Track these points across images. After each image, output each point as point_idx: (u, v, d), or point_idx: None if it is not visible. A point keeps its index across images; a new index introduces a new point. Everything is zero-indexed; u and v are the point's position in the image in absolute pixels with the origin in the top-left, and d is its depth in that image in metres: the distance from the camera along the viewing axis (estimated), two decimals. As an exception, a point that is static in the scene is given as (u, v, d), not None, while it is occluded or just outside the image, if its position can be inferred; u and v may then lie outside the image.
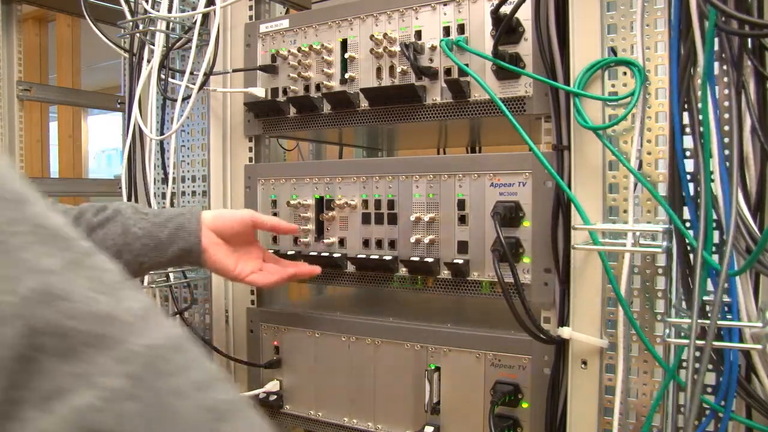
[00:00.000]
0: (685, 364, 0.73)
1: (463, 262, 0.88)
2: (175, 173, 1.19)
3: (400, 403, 0.95)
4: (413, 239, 0.92)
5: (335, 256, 0.98)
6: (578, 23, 0.78)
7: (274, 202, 1.07)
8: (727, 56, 0.65)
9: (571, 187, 0.79)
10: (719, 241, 0.69)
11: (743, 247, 0.63)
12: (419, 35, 0.93)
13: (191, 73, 1.05)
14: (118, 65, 1.32)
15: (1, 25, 1.51)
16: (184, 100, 1.06)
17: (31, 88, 1.57)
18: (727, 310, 0.67)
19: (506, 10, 0.83)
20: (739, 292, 0.65)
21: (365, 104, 0.97)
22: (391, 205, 0.95)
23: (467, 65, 0.87)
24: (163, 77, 1.09)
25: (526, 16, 0.83)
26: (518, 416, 0.85)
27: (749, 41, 0.65)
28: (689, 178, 0.70)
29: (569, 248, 0.80)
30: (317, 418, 1.02)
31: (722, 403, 0.67)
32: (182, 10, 1.13)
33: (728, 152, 0.65)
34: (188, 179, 1.21)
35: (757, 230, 0.64)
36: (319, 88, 1.02)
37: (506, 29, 0.83)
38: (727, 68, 0.66)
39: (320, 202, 1.02)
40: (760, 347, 0.64)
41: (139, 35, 1.12)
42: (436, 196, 0.92)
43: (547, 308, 0.85)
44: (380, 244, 0.96)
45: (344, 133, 1.28)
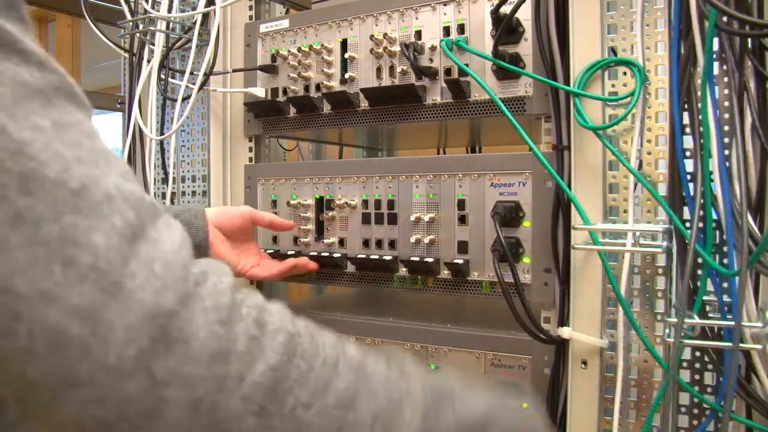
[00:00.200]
0: (685, 364, 0.73)
1: (463, 262, 0.88)
2: (175, 173, 1.19)
3: (400, 403, 0.94)
4: (413, 239, 0.92)
5: (335, 256, 0.98)
6: (578, 23, 0.78)
7: (274, 202, 1.07)
8: (727, 56, 0.65)
9: (571, 187, 0.79)
10: (719, 241, 0.69)
11: (743, 247, 0.63)
12: (419, 35, 0.93)
13: (191, 73, 1.05)
14: (118, 65, 1.32)
15: (1, 25, 1.50)
16: (184, 100, 1.06)
17: (31, 88, 1.57)
18: (727, 310, 0.67)
19: (506, 10, 0.83)
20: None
21: (365, 104, 0.97)
22: (391, 205, 0.95)
23: (467, 65, 0.87)
24: (163, 77, 1.10)
25: (526, 16, 0.83)
26: (518, 416, 0.85)
27: (749, 41, 0.65)
28: (689, 178, 0.70)
29: (569, 248, 0.79)
30: (317, 418, 1.02)
31: (722, 403, 0.67)
32: (182, 10, 1.13)
33: (728, 152, 0.65)
34: (188, 179, 1.21)
35: (757, 230, 0.64)
36: (319, 88, 1.02)
37: (506, 29, 0.83)
38: (727, 68, 0.66)
39: (320, 202, 1.02)
40: (760, 347, 0.64)
41: (139, 35, 1.12)
42: (436, 196, 0.92)
43: (547, 308, 0.85)
44: (380, 244, 0.96)
45: (344, 133, 1.28)
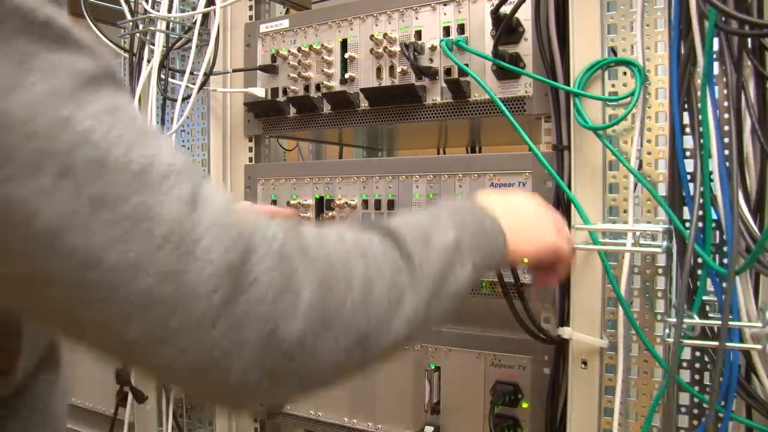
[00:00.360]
0: (685, 364, 0.73)
1: (463, 262, 0.88)
2: (175, 173, 1.19)
3: (400, 402, 0.94)
4: (413, 239, 0.92)
5: (335, 256, 0.98)
6: (578, 23, 0.78)
7: (274, 202, 1.06)
8: (727, 56, 0.65)
9: (571, 187, 0.79)
10: (719, 241, 0.69)
11: (743, 247, 0.63)
12: (419, 35, 0.93)
13: (191, 73, 1.05)
14: (117, 65, 1.32)
15: (1, 25, 1.51)
16: (184, 100, 1.06)
17: (31, 88, 1.57)
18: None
19: (506, 10, 0.82)
20: (739, 292, 0.65)
21: (365, 104, 0.97)
22: (391, 205, 0.95)
23: (467, 65, 0.87)
24: (163, 77, 1.09)
25: (526, 16, 0.83)
26: (518, 416, 0.85)
27: (749, 41, 0.65)
28: (689, 178, 0.70)
29: (569, 248, 0.79)
30: (317, 418, 1.02)
31: (722, 403, 0.67)
32: (182, 10, 1.13)
33: (728, 152, 0.65)
34: (188, 179, 1.21)
35: (757, 230, 0.63)
36: (319, 88, 1.02)
37: (506, 29, 0.83)
38: (727, 68, 0.66)
39: (320, 202, 1.02)
40: (760, 347, 0.64)
41: (139, 35, 1.12)
42: (436, 196, 0.91)
43: (547, 308, 0.85)
44: (380, 244, 0.96)
45: (344, 133, 1.28)
